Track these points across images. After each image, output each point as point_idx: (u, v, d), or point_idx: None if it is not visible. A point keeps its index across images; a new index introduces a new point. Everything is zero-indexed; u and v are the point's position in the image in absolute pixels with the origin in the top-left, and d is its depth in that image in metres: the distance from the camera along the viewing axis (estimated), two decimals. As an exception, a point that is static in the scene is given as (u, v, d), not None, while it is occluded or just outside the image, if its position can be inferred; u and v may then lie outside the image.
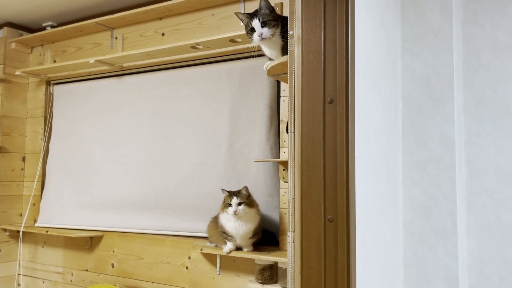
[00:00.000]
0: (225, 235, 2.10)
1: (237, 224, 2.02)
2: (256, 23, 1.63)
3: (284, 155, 2.18)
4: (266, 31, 1.62)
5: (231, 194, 2.03)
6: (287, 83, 1.70)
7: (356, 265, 1.20)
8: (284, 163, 2.12)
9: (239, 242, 2.08)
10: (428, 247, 1.63)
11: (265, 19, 1.62)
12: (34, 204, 3.13)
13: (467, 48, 1.66)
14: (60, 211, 2.97)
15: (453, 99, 1.61)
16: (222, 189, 2.10)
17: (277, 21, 1.65)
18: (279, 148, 2.25)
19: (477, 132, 1.63)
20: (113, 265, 2.75)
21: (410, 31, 1.69)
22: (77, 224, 2.89)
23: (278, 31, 1.66)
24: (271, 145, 2.30)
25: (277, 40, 1.67)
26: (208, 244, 2.27)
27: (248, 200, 2.03)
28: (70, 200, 2.95)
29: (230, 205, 2.00)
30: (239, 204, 1.99)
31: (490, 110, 1.61)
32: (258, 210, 2.10)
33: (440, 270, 1.60)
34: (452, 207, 1.59)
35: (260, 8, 1.66)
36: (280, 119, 2.24)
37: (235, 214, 1.98)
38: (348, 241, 1.14)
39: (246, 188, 2.05)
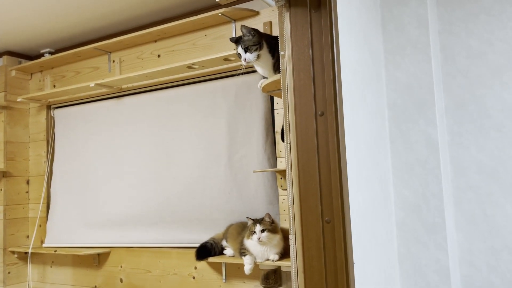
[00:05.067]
0: (244, 251, 2.17)
1: (263, 250, 2.11)
2: (240, 50, 1.79)
3: (281, 164, 2.30)
4: (249, 56, 1.78)
5: (255, 221, 2.12)
6: (281, 98, 1.83)
7: (354, 262, 1.31)
8: (282, 172, 2.24)
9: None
10: (420, 242, 1.73)
11: (247, 45, 1.78)
12: (40, 226, 3.21)
13: (444, 56, 1.79)
14: (66, 230, 3.05)
15: (434, 104, 1.73)
16: (247, 217, 2.20)
17: (259, 44, 1.79)
18: (276, 158, 2.37)
19: (459, 133, 1.75)
20: (121, 280, 2.83)
21: (391, 43, 1.82)
22: (84, 242, 2.97)
23: (264, 51, 1.81)
24: (268, 156, 2.41)
25: (267, 59, 1.81)
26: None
27: (271, 227, 2.11)
28: (76, 219, 3.03)
29: (255, 232, 2.08)
30: (263, 231, 2.08)
31: (470, 112, 1.74)
32: (282, 236, 2.16)
33: (432, 264, 1.71)
34: (440, 204, 1.70)
35: (243, 34, 1.81)
36: (275, 130, 2.36)
37: (260, 241, 2.07)
38: (345, 240, 1.26)
39: (269, 215, 2.14)
